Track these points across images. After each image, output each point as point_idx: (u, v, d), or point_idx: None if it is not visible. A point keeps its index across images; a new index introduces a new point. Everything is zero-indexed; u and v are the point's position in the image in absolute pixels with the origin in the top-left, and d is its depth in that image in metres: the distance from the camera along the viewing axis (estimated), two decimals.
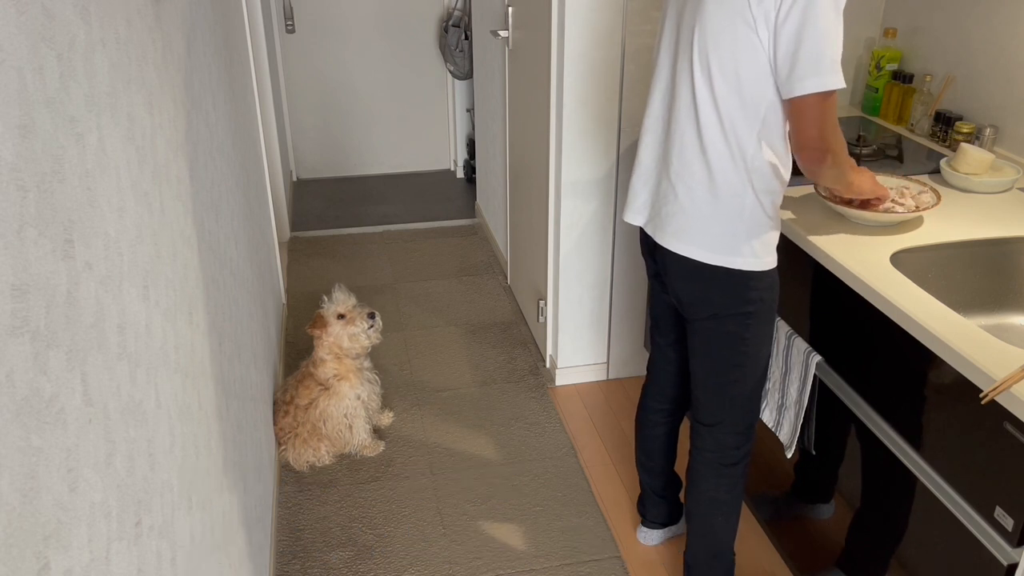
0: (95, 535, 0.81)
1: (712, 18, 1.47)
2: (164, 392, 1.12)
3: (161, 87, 1.31)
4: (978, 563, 1.36)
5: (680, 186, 1.60)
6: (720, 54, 1.48)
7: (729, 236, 1.57)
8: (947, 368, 1.37)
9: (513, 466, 2.50)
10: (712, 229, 1.58)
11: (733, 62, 1.47)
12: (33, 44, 0.76)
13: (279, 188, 3.77)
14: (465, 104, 4.69)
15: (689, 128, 1.57)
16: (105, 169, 0.95)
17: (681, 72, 1.57)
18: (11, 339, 0.66)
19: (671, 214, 1.63)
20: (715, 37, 1.48)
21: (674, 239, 1.63)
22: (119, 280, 0.96)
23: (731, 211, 1.56)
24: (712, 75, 1.50)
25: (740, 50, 1.45)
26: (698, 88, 1.53)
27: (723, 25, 1.46)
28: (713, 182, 1.55)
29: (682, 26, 1.57)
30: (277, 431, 2.49)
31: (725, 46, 1.47)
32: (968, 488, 1.38)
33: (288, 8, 4.20)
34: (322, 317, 2.43)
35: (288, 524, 2.29)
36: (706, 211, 1.57)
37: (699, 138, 1.55)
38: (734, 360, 1.70)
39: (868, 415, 1.62)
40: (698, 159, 1.56)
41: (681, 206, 1.60)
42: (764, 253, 1.59)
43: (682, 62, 1.57)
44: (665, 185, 1.64)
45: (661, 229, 1.67)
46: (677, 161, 1.60)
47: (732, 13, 1.44)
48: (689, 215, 1.60)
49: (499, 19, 3.16)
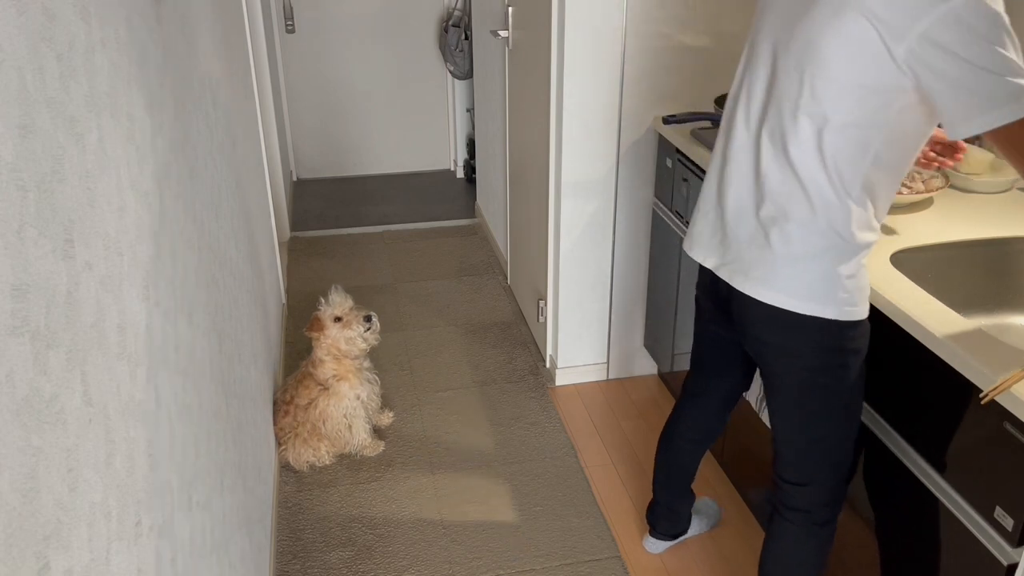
0: (95, 535, 0.81)
1: (829, 55, 1.30)
2: (164, 392, 1.12)
3: (161, 87, 1.31)
4: (978, 563, 1.36)
5: (773, 228, 1.43)
6: (836, 87, 1.31)
7: (828, 283, 1.41)
8: (947, 368, 1.37)
9: (513, 466, 2.50)
10: (808, 275, 1.42)
11: (853, 103, 1.31)
12: (33, 44, 0.76)
13: (279, 188, 3.77)
14: (465, 104, 4.69)
15: (787, 166, 1.40)
16: (105, 169, 0.95)
17: (778, 105, 1.40)
18: (11, 339, 0.66)
19: (758, 259, 1.47)
20: (833, 75, 1.31)
21: (761, 286, 1.46)
22: (119, 280, 0.96)
23: (832, 255, 1.40)
24: (826, 115, 1.33)
25: (863, 90, 1.29)
26: (803, 128, 1.36)
27: (844, 56, 1.29)
28: (815, 223, 1.39)
29: (783, 55, 1.40)
30: (277, 431, 2.49)
31: (844, 78, 1.30)
32: (968, 488, 1.38)
33: (288, 8, 4.20)
34: (319, 320, 2.43)
35: (288, 524, 2.29)
36: (803, 256, 1.41)
37: (797, 175, 1.39)
38: (827, 415, 1.54)
39: (868, 415, 1.62)
40: (799, 199, 1.40)
41: (773, 250, 1.44)
42: (861, 300, 1.45)
43: (782, 93, 1.39)
44: (751, 225, 1.48)
45: (743, 274, 1.50)
46: (770, 201, 1.43)
47: (856, 52, 1.27)
48: (782, 260, 1.43)
49: (499, 19, 3.16)
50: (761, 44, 1.47)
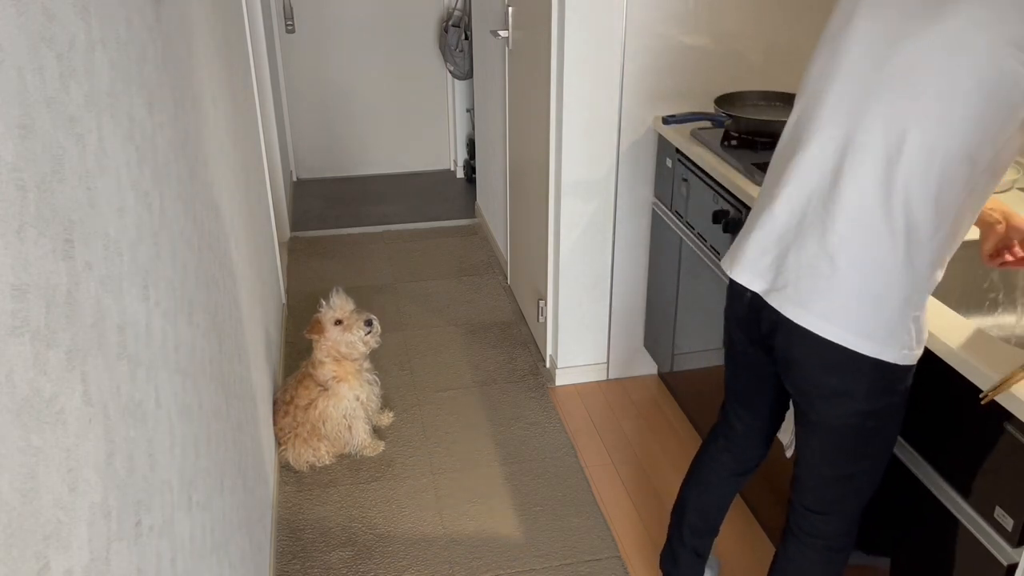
0: (95, 535, 0.81)
1: (957, 64, 1.21)
2: (164, 392, 1.12)
3: (161, 87, 1.31)
4: (978, 563, 1.36)
5: (844, 260, 1.31)
6: (961, 112, 1.21)
7: (896, 322, 1.31)
8: (947, 368, 1.37)
9: (513, 466, 2.50)
10: (878, 313, 1.31)
11: (977, 124, 1.21)
12: (33, 44, 0.76)
13: (279, 188, 3.77)
14: (465, 104, 4.69)
15: (878, 193, 1.27)
16: (105, 169, 0.94)
17: (877, 123, 1.28)
18: (11, 339, 0.66)
19: (821, 290, 1.33)
20: (960, 90, 1.21)
21: (823, 320, 1.33)
22: (119, 280, 0.96)
23: (906, 293, 1.30)
24: (940, 136, 1.23)
25: (993, 111, 1.21)
26: (908, 147, 1.25)
27: (975, 76, 1.20)
28: (896, 257, 1.28)
29: (885, 76, 1.29)
30: (277, 431, 2.49)
31: (972, 104, 1.21)
32: (968, 488, 1.38)
33: (288, 8, 4.20)
34: (319, 322, 2.43)
35: (288, 524, 2.29)
36: (876, 291, 1.30)
37: (889, 207, 1.27)
38: (865, 454, 1.46)
39: None
40: (882, 232, 1.28)
41: (839, 283, 1.31)
42: (920, 342, 1.36)
43: (881, 111, 1.28)
44: (815, 252, 1.34)
45: (799, 304, 1.36)
46: (846, 230, 1.30)
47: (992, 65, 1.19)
48: (850, 293, 1.31)
49: (499, 19, 3.16)
50: (852, 50, 1.34)
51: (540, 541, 2.22)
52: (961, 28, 1.21)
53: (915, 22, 1.26)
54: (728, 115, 2.25)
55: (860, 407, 1.39)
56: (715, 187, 2.18)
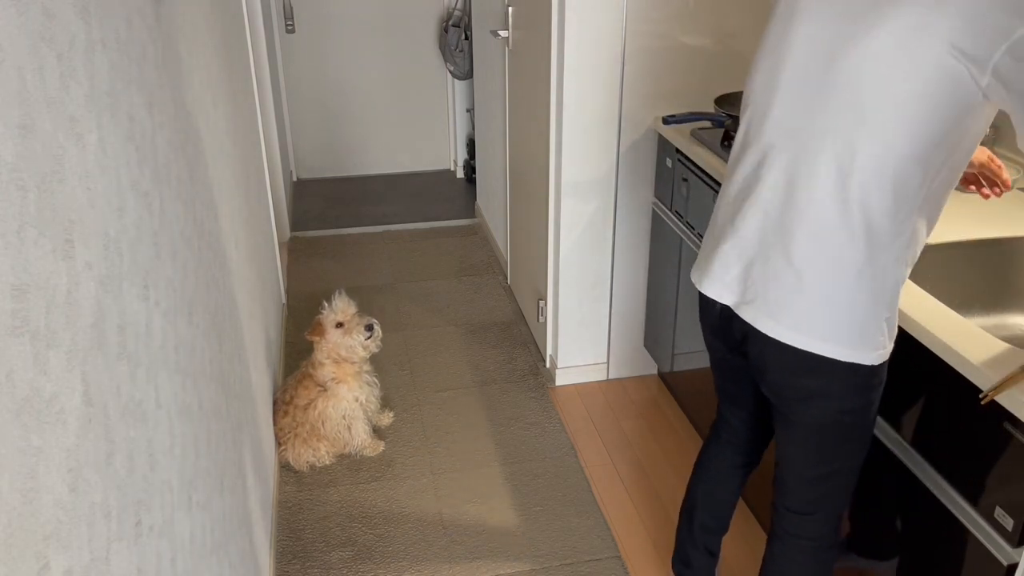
0: (95, 535, 0.81)
1: (900, 67, 1.19)
2: (164, 392, 1.12)
3: (161, 87, 1.31)
4: (978, 563, 1.36)
5: (809, 270, 1.30)
6: (909, 115, 1.20)
7: (869, 327, 1.32)
8: (947, 368, 1.37)
9: (513, 466, 2.50)
10: (849, 321, 1.31)
11: (925, 125, 1.20)
12: (33, 44, 0.76)
13: (279, 188, 3.77)
14: (465, 104, 4.69)
15: (833, 199, 1.27)
16: (105, 169, 0.94)
17: (826, 129, 1.27)
18: (11, 339, 0.66)
19: (789, 301, 1.33)
20: (905, 92, 1.19)
21: (793, 331, 1.34)
22: (119, 280, 0.96)
23: (874, 298, 1.30)
24: (891, 138, 1.21)
25: (939, 111, 1.19)
26: (860, 159, 1.24)
27: (920, 78, 1.18)
28: (864, 266, 1.28)
29: (830, 79, 1.27)
30: (277, 431, 2.49)
31: (918, 106, 1.19)
32: (968, 488, 1.38)
33: (288, 8, 4.20)
34: (320, 324, 2.43)
35: (288, 524, 2.29)
36: (844, 300, 1.30)
37: (847, 213, 1.26)
38: (843, 451, 1.47)
39: None
40: (843, 239, 1.28)
41: (806, 293, 1.31)
42: (890, 340, 1.36)
43: (830, 124, 1.26)
44: (779, 264, 1.34)
45: (769, 316, 1.36)
46: (806, 240, 1.30)
47: (936, 65, 1.16)
48: (818, 304, 1.31)
49: (499, 19, 3.16)
50: (794, 59, 1.32)
51: (540, 541, 2.22)
52: (900, 32, 1.19)
53: (855, 27, 1.24)
54: (728, 115, 2.25)
55: (837, 406, 1.41)
56: (715, 187, 2.18)
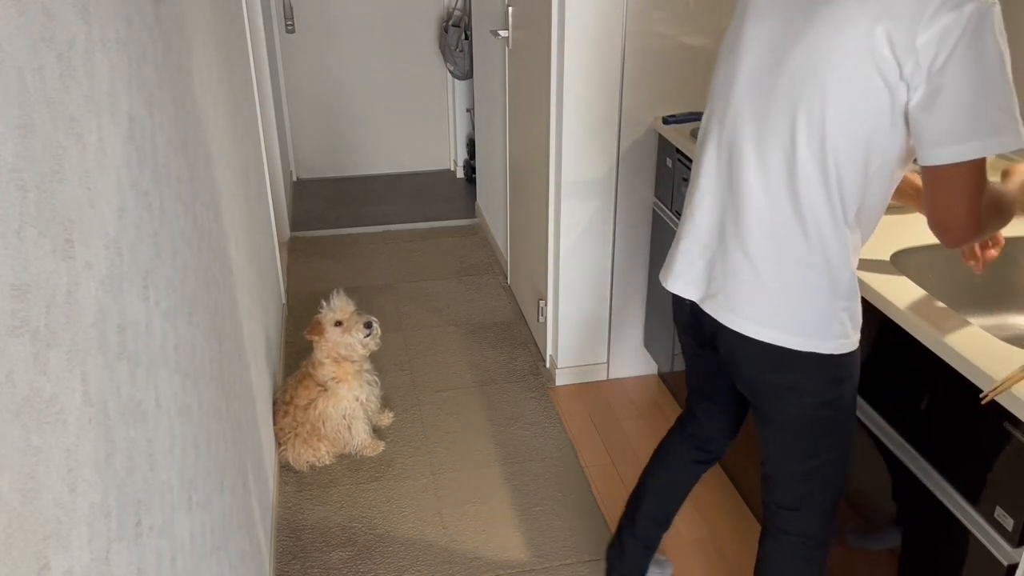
0: (95, 535, 0.81)
1: (832, 66, 1.22)
2: (164, 392, 1.12)
3: (161, 87, 1.31)
4: (978, 563, 1.36)
5: (764, 263, 1.34)
6: (842, 113, 1.23)
7: (825, 316, 1.34)
8: (947, 368, 1.37)
9: (513, 466, 2.50)
10: (804, 310, 1.34)
11: (857, 122, 1.23)
12: (33, 44, 0.76)
13: (279, 188, 3.77)
14: (465, 104, 4.69)
15: (783, 194, 1.30)
16: (105, 169, 0.94)
17: (774, 125, 1.30)
18: (11, 339, 0.66)
19: (749, 294, 1.37)
20: (837, 92, 1.22)
21: (754, 323, 1.37)
22: (119, 280, 0.96)
23: (828, 287, 1.33)
24: (827, 136, 1.24)
25: (868, 107, 1.21)
26: (802, 151, 1.27)
27: (848, 77, 1.21)
28: (811, 256, 1.31)
29: (776, 73, 1.30)
30: (277, 431, 2.49)
31: (850, 104, 1.22)
32: (968, 488, 1.38)
33: (288, 8, 4.20)
34: (319, 323, 2.43)
35: (288, 524, 2.29)
36: (798, 290, 1.33)
37: (796, 206, 1.29)
38: (824, 445, 1.49)
39: (868, 415, 1.62)
40: (794, 232, 1.31)
41: (764, 286, 1.35)
42: (854, 329, 1.39)
43: (776, 118, 1.30)
44: (737, 259, 1.37)
45: (731, 310, 1.40)
46: (760, 234, 1.34)
47: (863, 62, 1.19)
48: (775, 295, 1.34)
49: (499, 19, 3.16)
50: (745, 60, 1.36)
51: (540, 541, 2.22)
52: (832, 28, 1.21)
53: (796, 26, 1.27)
54: None
55: (810, 399, 1.43)
56: None
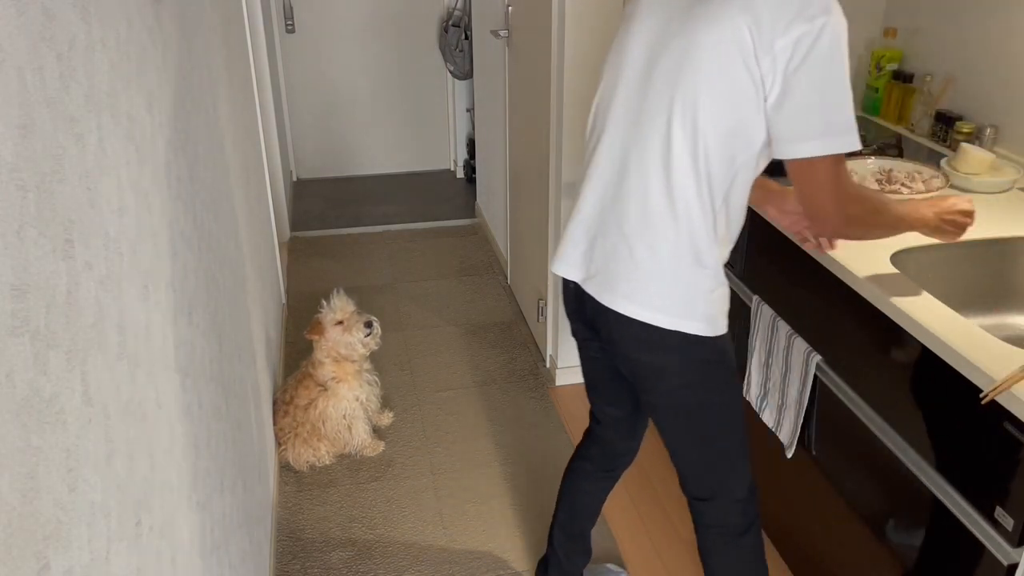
0: (95, 535, 0.81)
1: (705, 58, 1.30)
2: (164, 392, 1.12)
3: (161, 87, 1.31)
4: (978, 563, 1.36)
5: (638, 244, 1.40)
6: (712, 101, 1.31)
7: (691, 297, 1.40)
8: (947, 368, 1.37)
9: (513, 466, 2.50)
10: (672, 290, 1.40)
11: (725, 111, 1.30)
12: (33, 44, 0.76)
13: (279, 188, 3.77)
14: (465, 104, 4.69)
15: (657, 177, 1.37)
16: (105, 169, 0.95)
17: (653, 112, 1.37)
18: (11, 339, 0.66)
19: (623, 273, 1.43)
20: (708, 81, 1.30)
21: (627, 301, 1.42)
22: (119, 280, 0.96)
23: (694, 269, 1.39)
24: (699, 124, 1.32)
25: (735, 97, 1.29)
26: (676, 136, 1.34)
27: (719, 67, 1.29)
28: (679, 236, 1.37)
29: (657, 65, 1.38)
30: (277, 431, 2.49)
31: (719, 93, 1.30)
32: (968, 488, 1.38)
33: (288, 8, 4.20)
34: (320, 323, 2.43)
35: (288, 524, 2.29)
36: (667, 270, 1.39)
37: (669, 189, 1.36)
38: (712, 430, 1.54)
39: (868, 415, 1.62)
40: (665, 215, 1.37)
41: (638, 265, 1.41)
42: (721, 314, 1.45)
43: (654, 106, 1.37)
44: (615, 240, 1.44)
45: (607, 289, 1.45)
46: (635, 216, 1.40)
47: (731, 54, 1.27)
48: (647, 274, 1.40)
49: (499, 19, 3.16)
50: (633, 50, 1.43)
51: (540, 541, 2.22)
52: (710, 23, 1.29)
53: (676, 23, 1.35)
54: None
55: (678, 382, 1.48)
56: None
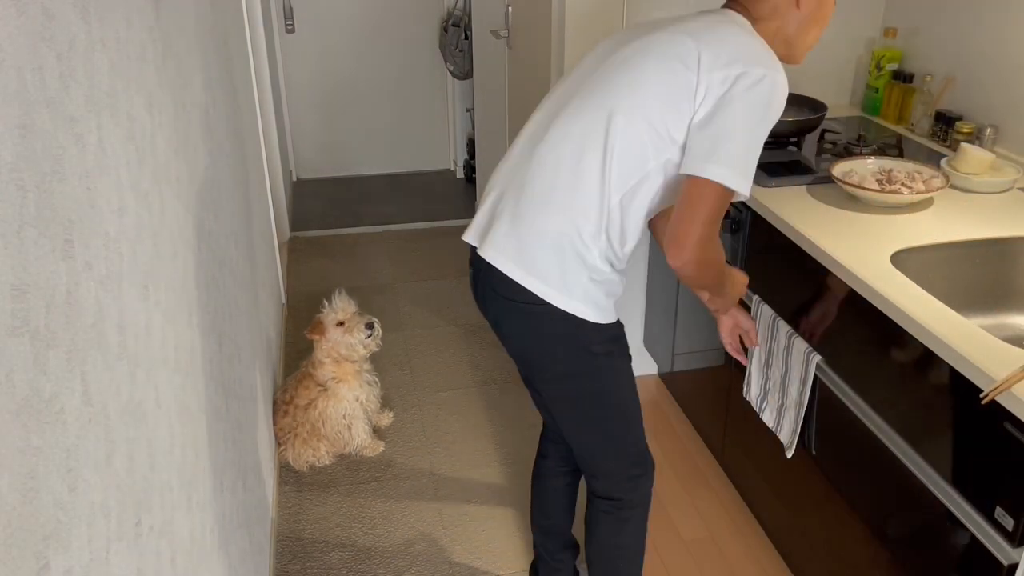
0: (95, 535, 0.81)
1: (650, 64, 1.40)
2: (164, 392, 1.12)
3: (161, 87, 1.31)
4: (978, 563, 1.36)
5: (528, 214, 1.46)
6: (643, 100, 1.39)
7: (569, 277, 1.45)
8: (947, 368, 1.37)
9: (513, 466, 2.50)
10: (558, 267, 1.44)
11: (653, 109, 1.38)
12: (33, 44, 0.76)
13: (279, 188, 3.77)
14: (465, 104, 4.69)
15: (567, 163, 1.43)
16: (105, 169, 0.95)
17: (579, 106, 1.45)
18: (11, 339, 0.66)
19: (513, 238, 1.48)
20: (645, 80, 1.39)
21: (511, 263, 1.47)
22: (119, 280, 0.96)
23: (580, 257, 1.43)
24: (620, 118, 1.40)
25: (666, 100, 1.37)
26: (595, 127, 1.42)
27: (657, 72, 1.39)
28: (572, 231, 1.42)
29: (601, 65, 1.47)
30: (277, 431, 2.49)
31: (653, 94, 1.38)
32: (968, 488, 1.38)
33: (288, 8, 4.20)
34: (321, 323, 2.43)
35: (288, 524, 2.29)
36: (557, 251, 1.43)
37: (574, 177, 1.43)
38: (598, 414, 1.59)
39: (868, 415, 1.62)
40: (564, 184, 1.43)
41: (527, 234, 1.46)
42: (603, 306, 1.48)
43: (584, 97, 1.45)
44: (511, 212, 1.49)
45: (498, 250, 1.49)
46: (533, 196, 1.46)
47: (675, 68, 1.37)
48: (534, 245, 1.45)
49: (499, 19, 3.16)
50: (585, 59, 1.54)
51: None
52: (660, 39, 1.42)
53: (629, 41, 1.47)
54: None
55: (560, 369, 1.53)
56: None
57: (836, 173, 1.91)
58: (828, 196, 1.90)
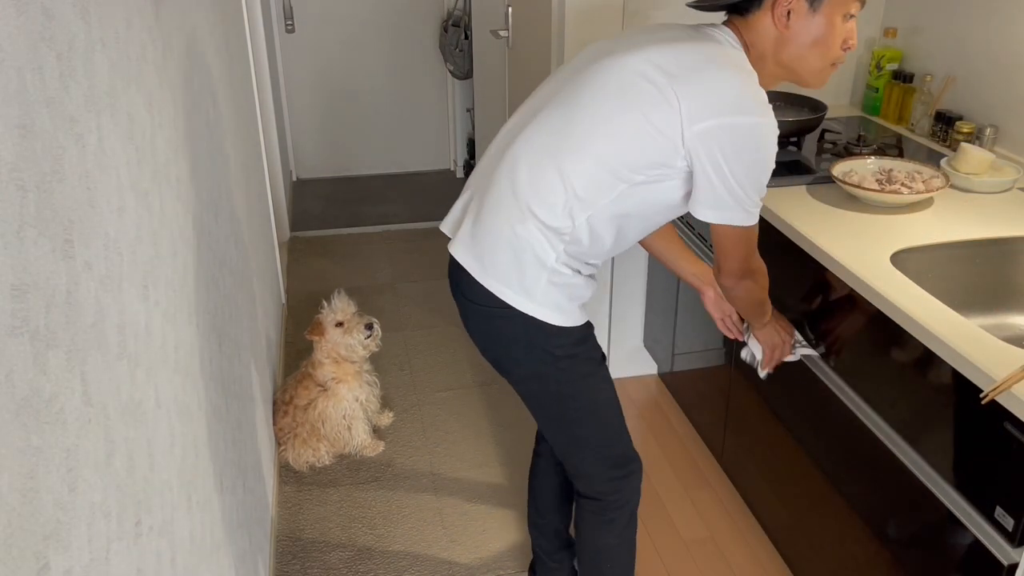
0: (95, 535, 0.81)
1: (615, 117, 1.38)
2: (164, 392, 1.12)
3: (161, 87, 1.31)
4: (978, 563, 1.36)
5: (495, 225, 1.45)
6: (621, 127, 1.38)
7: (530, 276, 1.44)
8: (947, 368, 1.37)
9: (513, 466, 2.50)
10: (518, 271, 1.45)
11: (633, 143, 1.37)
12: (33, 44, 0.76)
13: (279, 188, 3.77)
14: (465, 104, 4.69)
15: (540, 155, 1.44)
16: (105, 169, 0.95)
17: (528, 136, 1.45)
18: (11, 339, 0.66)
19: (478, 239, 1.48)
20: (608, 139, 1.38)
21: (476, 262, 1.48)
22: (119, 280, 0.96)
23: (539, 258, 1.43)
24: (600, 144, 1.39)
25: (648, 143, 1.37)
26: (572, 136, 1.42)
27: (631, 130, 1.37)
28: (533, 237, 1.42)
29: (585, 70, 1.46)
30: (276, 431, 2.49)
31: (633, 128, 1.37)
32: (968, 488, 1.38)
33: (288, 8, 4.20)
34: (320, 324, 2.43)
35: (288, 524, 2.29)
36: (519, 255, 1.44)
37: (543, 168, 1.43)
38: (567, 416, 1.59)
39: (868, 415, 1.62)
40: (515, 211, 1.43)
41: (490, 238, 1.46)
42: (565, 311, 1.48)
43: (561, 100, 1.45)
44: (475, 216, 1.50)
45: (466, 250, 1.50)
46: (494, 204, 1.46)
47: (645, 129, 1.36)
48: (498, 249, 1.45)
49: (499, 19, 3.16)
50: (543, 87, 1.54)
51: None
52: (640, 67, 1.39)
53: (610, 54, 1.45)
54: None
55: (522, 371, 1.55)
56: None
57: (836, 173, 1.91)
58: (828, 196, 1.90)
